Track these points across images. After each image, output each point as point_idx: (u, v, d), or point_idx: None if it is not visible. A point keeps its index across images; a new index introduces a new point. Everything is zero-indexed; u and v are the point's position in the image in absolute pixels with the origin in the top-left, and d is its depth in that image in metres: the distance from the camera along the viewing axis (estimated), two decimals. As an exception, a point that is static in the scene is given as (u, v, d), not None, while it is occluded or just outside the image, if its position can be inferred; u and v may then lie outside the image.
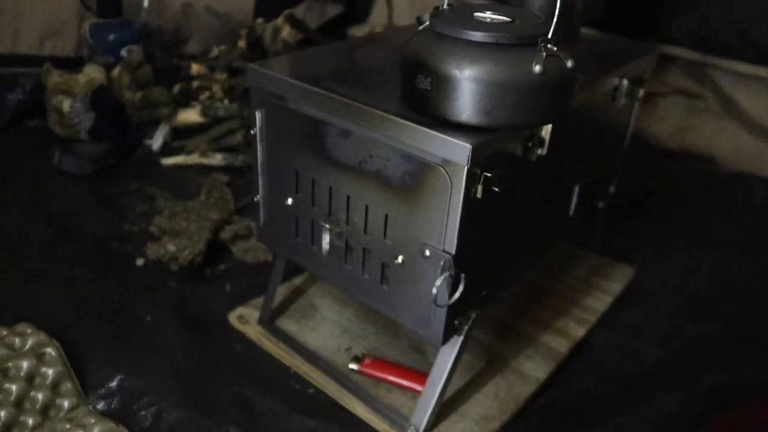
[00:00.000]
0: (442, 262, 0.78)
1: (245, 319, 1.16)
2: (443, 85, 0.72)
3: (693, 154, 1.85)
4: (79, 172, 1.61)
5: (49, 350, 0.97)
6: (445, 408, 0.99)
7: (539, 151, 0.85)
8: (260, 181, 0.98)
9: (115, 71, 1.72)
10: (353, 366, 1.04)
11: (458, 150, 0.72)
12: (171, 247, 1.32)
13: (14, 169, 1.62)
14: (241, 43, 1.81)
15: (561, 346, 1.14)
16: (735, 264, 1.43)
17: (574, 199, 1.09)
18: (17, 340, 0.98)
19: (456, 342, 0.90)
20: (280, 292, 1.21)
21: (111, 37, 1.81)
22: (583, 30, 1.16)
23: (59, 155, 1.61)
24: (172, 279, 1.28)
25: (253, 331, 1.13)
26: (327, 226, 0.90)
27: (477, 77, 0.70)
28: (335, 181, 0.87)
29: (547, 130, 0.84)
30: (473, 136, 0.72)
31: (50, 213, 1.46)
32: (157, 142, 1.73)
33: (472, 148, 0.71)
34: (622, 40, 1.33)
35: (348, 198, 0.86)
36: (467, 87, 0.71)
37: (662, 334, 1.20)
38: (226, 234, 1.38)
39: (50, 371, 0.96)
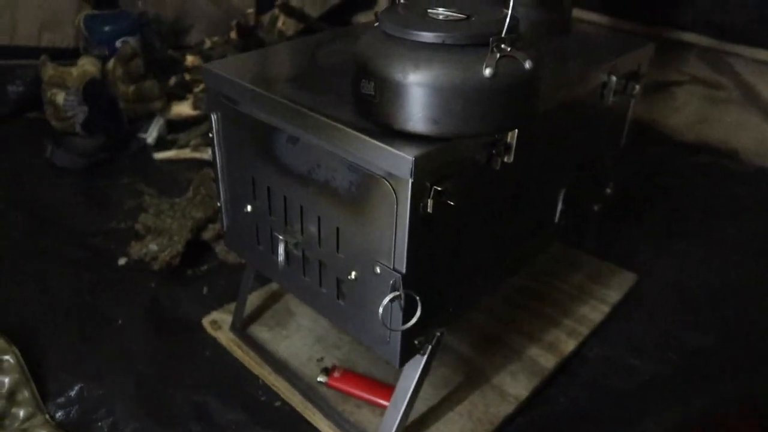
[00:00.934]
0: (392, 281, 0.72)
1: (218, 325, 1.12)
2: (387, 90, 0.65)
3: (712, 147, 1.73)
4: (71, 167, 1.60)
5: (7, 357, 0.96)
6: (413, 427, 0.93)
7: (505, 159, 0.77)
8: (221, 186, 0.94)
9: (110, 64, 1.70)
10: (321, 378, 1.00)
11: (400, 162, 0.65)
12: (153, 247, 1.29)
13: (6, 162, 1.62)
14: (233, 34, 1.76)
15: (548, 361, 1.06)
16: (747, 269, 1.33)
17: (559, 205, 1.01)
18: (-25, 348, 0.97)
19: (419, 361, 0.85)
20: (257, 297, 1.17)
21: (106, 28, 1.78)
22: (589, 15, 1.06)
23: (51, 149, 1.60)
24: (152, 280, 1.25)
25: (225, 338, 1.10)
26: (281, 237, 0.85)
27: (421, 82, 0.64)
28: (288, 189, 0.82)
29: (513, 136, 0.76)
30: (419, 146, 0.66)
31: (37, 208, 1.45)
32: (151, 135, 1.71)
33: (415, 160, 0.64)
34: (618, 31, 1.23)
35: (301, 208, 0.81)
36: (411, 93, 0.64)
37: (659, 347, 1.12)
38: (209, 233, 1.34)
39: (7, 380, 0.94)
